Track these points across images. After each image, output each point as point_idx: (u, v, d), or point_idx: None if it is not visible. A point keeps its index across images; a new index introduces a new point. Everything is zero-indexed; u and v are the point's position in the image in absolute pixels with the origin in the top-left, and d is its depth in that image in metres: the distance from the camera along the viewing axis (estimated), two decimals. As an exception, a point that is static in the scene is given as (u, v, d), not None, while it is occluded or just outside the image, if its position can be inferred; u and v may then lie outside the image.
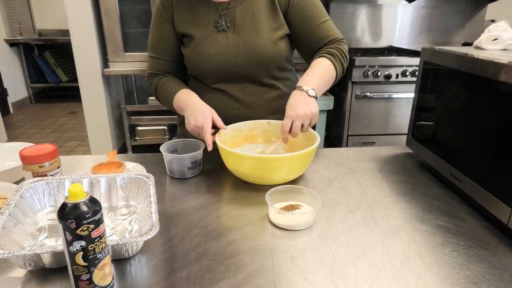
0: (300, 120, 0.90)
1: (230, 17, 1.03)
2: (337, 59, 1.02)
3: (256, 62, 1.04)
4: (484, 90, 0.76)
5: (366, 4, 2.88)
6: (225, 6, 1.03)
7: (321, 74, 0.99)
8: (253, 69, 1.05)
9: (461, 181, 0.83)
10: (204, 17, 1.04)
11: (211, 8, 1.03)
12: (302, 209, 0.78)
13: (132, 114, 2.82)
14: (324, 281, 0.60)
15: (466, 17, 3.01)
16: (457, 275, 0.62)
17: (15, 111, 4.85)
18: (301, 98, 0.93)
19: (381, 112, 2.55)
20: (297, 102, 0.92)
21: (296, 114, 0.90)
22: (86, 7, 2.46)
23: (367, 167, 1.03)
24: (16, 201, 0.70)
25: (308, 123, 0.92)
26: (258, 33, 1.02)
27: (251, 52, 1.02)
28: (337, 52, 1.03)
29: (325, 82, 1.00)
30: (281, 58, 1.07)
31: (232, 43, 1.03)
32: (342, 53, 1.04)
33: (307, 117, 0.91)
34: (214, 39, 1.03)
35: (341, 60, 1.03)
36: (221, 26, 1.03)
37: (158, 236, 0.71)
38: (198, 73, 1.10)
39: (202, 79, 1.10)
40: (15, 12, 4.94)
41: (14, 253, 0.56)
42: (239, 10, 1.03)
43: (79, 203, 0.51)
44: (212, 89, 1.09)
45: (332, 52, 1.03)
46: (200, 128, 0.94)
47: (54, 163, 0.84)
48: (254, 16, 1.02)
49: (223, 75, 1.06)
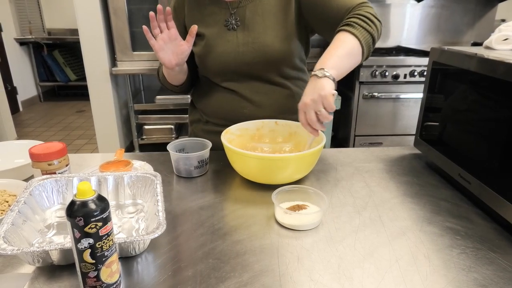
0: (309, 108, 0.82)
1: (240, 15, 1.03)
2: (355, 26, 0.89)
3: (264, 60, 1.03)
4: (494, 91, 0.76)
5: (374, 3, 2.86)
6: (236, 5, 1.03)
7: (335, 49, 0.87)
8: (262, 67, 1.04)
9: (470, 182, 0.82)
10: (215, 16, 1.04)
11: (222, 8, 1.04)
12: (309, 209, 0.78)
13: (139, 113, 2.84)
14: (331, 282, 0.60)
15: (476, 17, 2.98)
16: (465, 277, 0.61)
17: (25, 109, 4.91)
18: (310, 85, 0.84)
19: (388, 113, 2.54)
20: (306, 90, 0.84)
21: (303, 103, 0.83)
22: (95, 6, 2.48)
23: (374, 167, 1.03)
24: (25, 198, 0.71)
25: (320, 108, 0.81)
26: (267, 31, 1.01)
27: (259, 50, 1.02)
28: (354, 19, 0.90)
29: (344, 55, 0.87)
30: (292, 56, 1.05)
31: (241, 41, 1.02)
32: (363, 17, 0.90)
33: (315, 102, 0.81)
34: (224, 38, 1.03)
35: (362, 25, 0.89)
36: (231, 25, 1.03)
37: (165, 235, 0.71)
38: (208, 71, 1.10)
39: (212, 78, 1.10)
40: (25, 12, 5.00)
41: (23, 250, 0.57)
42: (249, 9, 1.02)
43: (87, 201, 0.51)
44: (222, 88, 1.09)
45: (348, 21, 0.90)
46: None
47: (63, 161, 0.85)
48: (264, 14, 1.02)
49: (231, 73, 1.06)
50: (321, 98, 0.80)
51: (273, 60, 1.03)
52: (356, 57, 0.90)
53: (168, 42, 0.97)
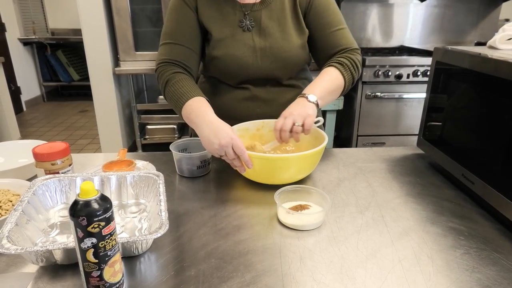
0: (291, 117, 0.89)
1: (254, 17, 1.03)
2: (346, 68, 1.01)
3: (282, 65, 1.05)
4: (498, 91, 0.75)
5: (377, 3, 2.86)
6: (250, 8, 1.03)
7: (327, 83, 0.98)
8: (279, 72, 1.06)
9: (473, 182, 0.82)
10: (229, 16, 1.03)
11: (236, 9, 1.03)
12: (311, 209, 0.78)
13: (142, 112, 2.85)
14: (333, 282, 0.60)
15: (480, 16, 2.96)
16: (468, 277, 0.61)
17: (28, 109, 4.93)
18: (299, 102, 0.93)
19: (391, 112, 2.53)
20: (293, 105, 0.93)
21: (289, 112, 0.90)
22: (98, 7, 2.49)
23: (377, 167, 1.03)
24: (29, 198, 0.71)
25: (300, 120, 0.88)
26: (286, 38, 1.03)
27: (278, 56, 1.03)
28: (347, 62, 1.01)
29: (331, 92, 0.99)
30: (305, 61, 1.10)
31: (258, 45, 1.03)
32: (353, 62, 1.02)
33: (300, 116, 0.89)
34: (241, 41, 1.03)
35: (351, 70, 1.01)
36: (246, 26, 1.03)
37: (168, 234, 0.71)
38: (222, 73, 1.08)
39: (225, 80, 1.10)
40: (28, 12, 5.02)
41: (26, 249, 0.57)
42: (264, 13, 1.03)
43: (90, 200, 0.51)
44: (234, 89, 1.09)
45: (342, 61, 1.01)
46: (228, 147, 0.82)
47: (66, 161, 0.86)
48: (279, 20, 1.03)
49: (248, 76, 1.06)
50: (306, 116, 0.89)
51: (289, 66, 1.06)
52: (337, 94, 1.03)
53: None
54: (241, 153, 0.82)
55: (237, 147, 0.82)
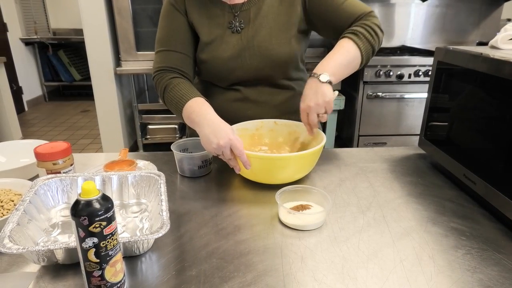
0: (313, 111, 0.89)
1: (244, 18, 1.02)
2: (361, 37, 0.93)
3: (270, 64, 1.02)
4: (500, 91, 0.75)
5: (378, 3, 2.85)
6: (239, 8, 1.02)
7: (339, 56, 0.92)
8: (269, 71, 1.03)
9: (475, 182, 0.82)
10: (218, 18, 1.02)
11: (225, 10, 1.02)
12: (313, 209, 0.78)
13: (143, 112, 2.85)
14: (334, 282, 0.60)
15: (481, 16, 2.96)
16: (470, 278, 0.61)
17: (30, 109, 4.94)
18: (313, 87, 0.89)
19: (393, 112, 2.53)
20: (308, 93, 0.90)
21: (307, 106, 0.89)
22: (100, 7, 2.50)
23: (379, 167, 1.03)
24: (30, 197, 0.71)
25: (322, 111, 0.89)
26: (272, 34, 1.00)
27: (264, 54, 1.00)
28: (361, 30, 0.94)
29: (345, 65, 0.92)
30: (296, 59, 1.06)
31: (246, 45, 1.01)
32: (369, 28, 0.94)
33: (319, 106, 0.88)
34: (229, 43, 1.01)
35: (367, 38, 0.93)
36: (235, 27, 1.01)
37: (169, 234, 0.71)
38: (212, 76, 1.07)
39: (216, 82, 1.09)
40: (30, 12, 5.03)
41: (28, 249, 0.57)
42: (253, 11, 1.01)
43: (92, 200, 0.51)
44: (226, 91, 1.08)
45: (355, 30, 0.94)
46: (225, 148, 0.82)
47: (68, 161, 0.86)
48: (268, 17, 1.01)
49: (237, 78, 1.05)
50: (325, 104, 0.88)
51: (278, 64, 1.03)
52: (354, 67, 0.96)
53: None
54: (239, 154, 0.82)
55: (235, 148, 0.81)
